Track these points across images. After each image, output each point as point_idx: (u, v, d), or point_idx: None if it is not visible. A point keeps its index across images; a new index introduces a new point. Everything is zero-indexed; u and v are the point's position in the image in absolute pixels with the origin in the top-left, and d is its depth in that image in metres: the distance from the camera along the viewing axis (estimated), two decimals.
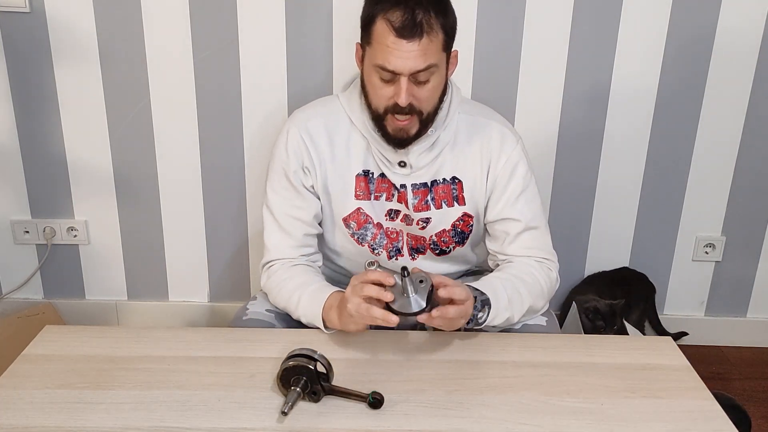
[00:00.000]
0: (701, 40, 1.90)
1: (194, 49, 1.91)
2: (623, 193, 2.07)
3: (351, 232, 1.37)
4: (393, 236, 1.38)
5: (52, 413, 1.02)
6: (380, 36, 1.17)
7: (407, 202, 1.34)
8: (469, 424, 1.02)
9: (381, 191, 1.35)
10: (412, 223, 1.37)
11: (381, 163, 1.33)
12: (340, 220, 1.36)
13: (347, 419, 1.02)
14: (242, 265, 2.15)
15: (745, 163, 2.03)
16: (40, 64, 1.91)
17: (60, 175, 2.03)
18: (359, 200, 1.35)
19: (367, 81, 1.24)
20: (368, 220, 1.36)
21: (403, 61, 1.16)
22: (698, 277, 2.17)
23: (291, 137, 1.35)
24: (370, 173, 1.35)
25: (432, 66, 1.19)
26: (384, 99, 1.22)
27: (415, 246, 1.39)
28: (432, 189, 1.35)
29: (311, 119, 1.35)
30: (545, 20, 1.87)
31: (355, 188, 1.35)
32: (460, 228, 1.38)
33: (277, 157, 1.37)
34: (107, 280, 2.17)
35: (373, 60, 1.20)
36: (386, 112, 1.23)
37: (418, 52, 1.16)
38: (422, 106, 1.23)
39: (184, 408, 1.04)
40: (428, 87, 1.22)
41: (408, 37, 1.15)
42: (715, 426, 1.03)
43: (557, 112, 1.97)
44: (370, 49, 1.21)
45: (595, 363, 1.18)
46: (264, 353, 1.18)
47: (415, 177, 1.33)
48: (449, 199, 1.35)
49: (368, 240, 1.38)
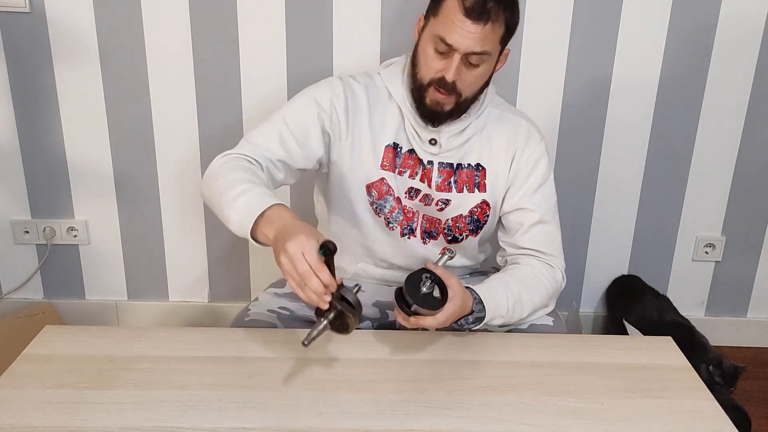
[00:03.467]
0: (702, 34, 1.90)
1: (194, 49, 1.91)
2: (623, 192, 2.07)
3: (371, 200, 1.38)
4: (409, 215, 1.39)
5: (52, 413, 1.02)
6: (449, 11, 1.21)
7: (431, 180, 1.36)
8: (470, 424, 1.02)
9: (406, 167, 1.37)
10: (431, 203, 1.38)
11: (412, 138, 1.35)
12: (363, 186, 1.37)
13: (347, 419, 1.02)
14: (242, 265, 2.15)
15: (745, 163, 2.03)
16: (40, 64, 1.91)
17: (60, 175, 2.03)
18: (384, 170, 1.36)
19: (422, 50, 1.28)
20: (390, 191, 1.37)
21: (462, 39, 1.20)
22: (698, 277, 2.17)
23: (336, 87, 1.35)
24: (399, 147, 1.36)
25: (486, 53, 1.23)
26: (433, 71, 1.26)
27: (428, 230, 1.41)
28: (456, 172, 1.37)
29: (356, 83, 1.38)
30: (546, 13, 1.87)
31: (383, 158, 1.36)
32: (477, 215, 1.39)
33: (314, 89, 1.35)
34: (107, 280, 2.17)
35: (435, 30, 1.23)
36: (430, 84, 1.27)
37: (478, 35, 1.20)
38: (464, 88, 1.27)
39: (184, 408, 1.04)
40: (476, 72, 1.26)
41: (474, 19, 1.19)
42: (715, 426, 1.03)
43: (558, 106, 1.97)
44: (435, 20, 1.24)
45: (596, 363, 1.18)
46: (264, 353, 1.19)
47: (443, 156, 1.36)
48: (471, 185, 1.38)
49: (386, 212, 1.38)
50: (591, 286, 2.18)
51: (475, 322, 1.23)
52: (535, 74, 1.93)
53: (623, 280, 2.15)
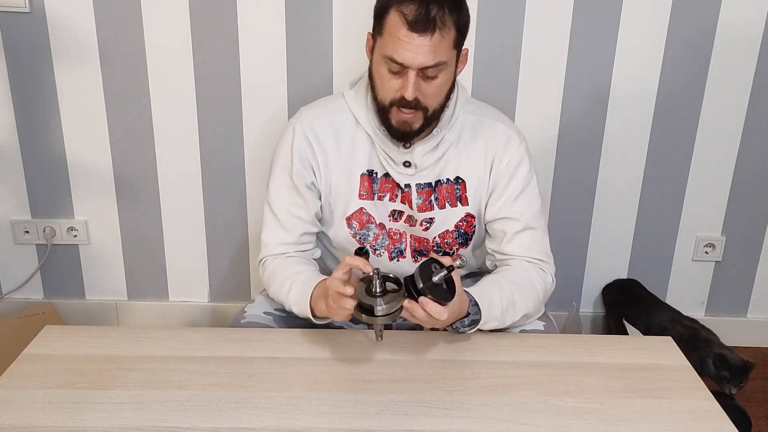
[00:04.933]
0: (701, 39, 1.90)
1: (194, 49, 1.90)
2: (623, 193, 2.06)
3: (353, 232, 1.37)
4: (396, 237, 1.38)
5: (52, 413, 1.02)
6: (392, 28, 1.16)
7: (411, 202, 1.34)
8: (469, 424, 1.02)
9: (385, 191, 1.35)
10: (415, 224, 1.36)
11: (386, 162, 1.33)
12: (343, 220, 1.36)
13: (347, 419, 1.02)
14: (242, 265, 2.15)
15: (745, 163, 2.03)
16: (40, 64, 1.91)
17: (60, 175, 2.03)
18: (362, 200, 1.35)
19: (376, 71, 1.24)
20: (371, 220, 1.36)
21: (412, 55, 1.16)
22: (698, 277, 2.17)
23: (297, 136, 1.34)
24: (374, 173, 1.34)
25: (441, 63, 1.18)
26: (391, 91, 1.22)
27: (418, 248, 1.39)
28: (436, 189, 1.34)
29: (317, 118, 1.35)
30: (545, 20, 1.87)
31: (360, 188, 1.34)
32: (464, 229, 1.38)
33: (281, 155, 1.37)
34: (107, 280, 2.17)
35: (383, 51, 1.19)
36: (392, 104, 1.23)
37: (428, 48, 1.16)
38: (428, 102, 1.22)
39: (184, 408, 1.04)
40: (435, 83, 1.21)
41: (420, 32, 1.14)
42: (715, 426, 1.03)
43: (557, 112, 1.97)
44: (381, 39, 1.20)
45: (595, 363, 1.18)
46: (264, 353, 1.19)
47: (420, 177, 1.33)
48: (452, 200, 1.35)
49: (370, 240, 1.38)
50: (591, 286, 2.18)
51: (471, 325, 1.21)
52: (534, 81, 1.93)
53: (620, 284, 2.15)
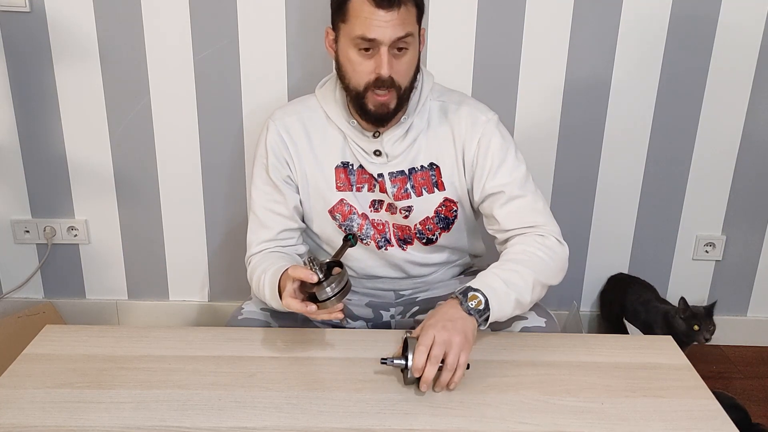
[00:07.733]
0: (702, 38, 1.90)
1: (194, 48, 1.91)
2: (623, 192, 2.06)
3: (338, 223, 1.39)
4: (380, 227, 1.40)
5: (52, 413, 1.02)
6: (357, 9, 1.20)
7: (387, 191, 1.36)
8: (470, 424, 1.02)
9: (362, 182, 1.37)
10: (396, 212, 1.38)
11: (358, 153, 1.35)
12: (326, 213, 1.38)
13: (347, 418, 1.02)
14: (242, 264, 2.13)
15: (745, 162, 2.03)
16: (40, 64, 1.91)
17: (60, 174, 2.03)
18: (341, 191, 1.37)
19: (345, 59, 1.26)
20: (353, 210, 1.38)
21: (383, 30, 1.19)
22: (699, 276, 2.17)
23: (270, 133, 1.37)
24: (349, 165, 1.36)
25: (410, 35, 1.22)
26: (364, 74, 1.24)
27: (402, 237, 1.41)
28: (411, 177, 1.36)
29: (288, 116, 1.38)
30: (545, 17, 1.87)
31: (336, 180, 1.36)
32: (444, 213, 1.39)
33: (258, 154, 1.40)
34: (107, 279, 2.17)
35: (352, 33, 1.21)
36: (367, 88, 1.25)
37: (396, 21, 1.19)
38: (400, 79, 1.25)
39: (184, 408, 1.04)
40: (405, 59, 1.24)
41: (386, 7, 1.18)
42: (716, 425, 1.03)
43: (557, 111, 1.97)
44: (347, 25, 1.22)
45: (596, 362, 1.18)
46: (264, 353, 1.19)
47: (392, 165, 1.35)
48: (429, 186, 1.37)
49: (355, 230, 1.39)
50: (591, 285, 2.18)
51: (468, 296, 1.16)
52: (534, 79, 1.93)
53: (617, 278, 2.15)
